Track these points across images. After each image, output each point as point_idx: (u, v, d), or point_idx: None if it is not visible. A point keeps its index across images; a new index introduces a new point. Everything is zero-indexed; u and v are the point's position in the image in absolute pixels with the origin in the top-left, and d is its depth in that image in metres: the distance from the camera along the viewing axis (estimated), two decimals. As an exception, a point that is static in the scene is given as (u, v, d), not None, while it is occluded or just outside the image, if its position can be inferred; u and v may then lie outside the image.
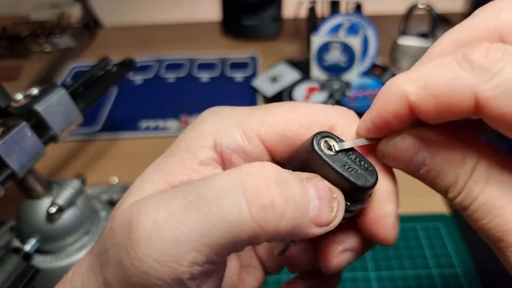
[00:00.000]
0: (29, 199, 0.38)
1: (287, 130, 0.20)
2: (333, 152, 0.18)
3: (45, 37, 0.88)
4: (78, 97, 0.42)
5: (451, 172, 0.16)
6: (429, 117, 0.15)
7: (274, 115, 0.20)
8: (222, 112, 0.21)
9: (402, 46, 0.73)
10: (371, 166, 0.18)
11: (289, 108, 0.20)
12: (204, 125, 0.20)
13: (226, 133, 0.20)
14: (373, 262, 0.44)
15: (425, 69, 0.15)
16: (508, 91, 0.13)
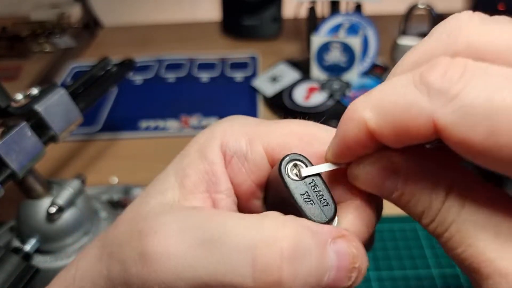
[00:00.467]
0: (29, 199, 0.38)
1: (288, 142, 0.20)
2: (298, 177, 0.18)
3: (45, 37, 0.88)
4: (78, 97, 0.42)
5: (423, 198, 0.15)
6: (390, 143, 0.15)
7: (280, 127, 0.21)
8: (236, 119, 0.22)
9: (402, 46, 0.73)
10: (332, 200, 0.18)
11: (296, 123, 0.21)
12: (216, 127, 0.21)
13: (233, 136, 0.20)
14: (373, 262, 0.44)
15: (383, 92, 0.15)
16: (467, 116, 0.12)
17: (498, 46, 0.14)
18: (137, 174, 0.57)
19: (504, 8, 0.81)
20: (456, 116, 0.12)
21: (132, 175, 0.56)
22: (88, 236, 0.41)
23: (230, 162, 0.20)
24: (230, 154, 0.20)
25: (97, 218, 0.43)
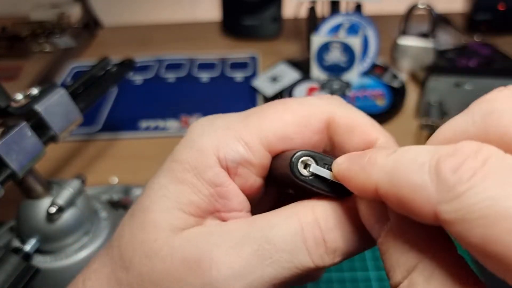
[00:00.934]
0: (29, 199, 0.38)
1: (287, 131, 0.20)
2: (308, 173, 0.18)
3: (45, 37, 0.88)
4: (78, 97, 0.42)
5: (394, 258, 0.15)
6: (394, 209, 0.15)
7: (271, 119, 0.20)
8: (216, 123, 0.20)
9: (402, 46, 0.73)
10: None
11: (282, 109, 0.20)
12: (202, 142, 0.20)
13: (228, 147, 0.19)
14: (373, 262, 0.44)
15: (402, 159, 0.14)
16: (464, 219, 0.12)
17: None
18: (137, 174, 0.56)
19: (504, 8, 0.81)
20: (456, 215, 0.12)
21: (132, 175, 0.56)
22: (88, 236, 0.41)
23: (236, 173, 0.20)
24: (233, 166, 0.19)
25: (97, 218, 0.43)
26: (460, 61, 0.72)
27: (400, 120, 0.64)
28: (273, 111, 0.20)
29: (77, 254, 0.39)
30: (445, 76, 0.60)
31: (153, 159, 0.60)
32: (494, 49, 0.74)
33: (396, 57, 0.74)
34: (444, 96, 0.61)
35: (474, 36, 0.82)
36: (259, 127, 0.20)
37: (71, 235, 0.39)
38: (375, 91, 0.67)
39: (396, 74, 0.71)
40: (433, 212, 0.13)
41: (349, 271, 0.43)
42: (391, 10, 0.87)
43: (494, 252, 0.11)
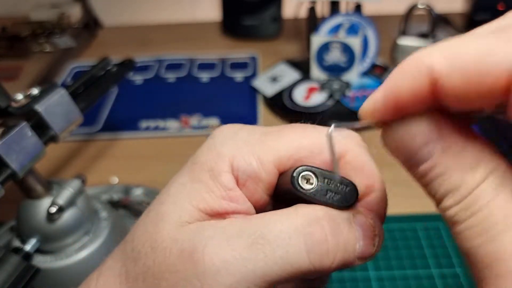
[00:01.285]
0: (29, 199, 0.38)
1: (300, 154, 0.20)
2: (310, 185, 0.19)
3: (45, 37, 0.88)
4: (78, 97, 0.42)
5: (456, 175, 0.14)
6: (452, 98, 0.13)
7: (288, 140, 0.21)
8: (239, 135, 0.21)
9: (402, 46, 0.73)
10: (350, 184, 0.20)
11: (301, 133, 0.21)
12: (222, 148, 0.21)
13: (243, 159, 0.20)
14: (373, 261, 0.44)
15: (457, 41, 0.13)
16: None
17: None
18: (137, 174, 0.57)
19: (504, 8, 0.81)
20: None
21: (132, 175, 0.56)
22: (88, 236, 0.41)
23: (244, 185, 0.20)
24: (243, 178, 0.20)
25: (97, 218, 0.43)
26: (460, 61, 0.72)
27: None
28: (292, 133, 0.21)
29: (77, 254, 0.39)
30: (445, 76, 0.60)
31: (153, 159, 0.60)
32: (494, 49, 0.74)
33: (396, 57, 0.74)
34: (444, 96, 0.61)
35: (474, 36, 0.82)
36: (276, 147, 0.20)
37: (71, 235, 0.39)
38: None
39: (396, 74, 0.71)
40: (506, 75, 0.12)
41: (348, 270, 0.43)
42: (391, 10, 0.87)
43: None
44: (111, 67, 0.49)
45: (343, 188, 0.20)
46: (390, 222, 0.47)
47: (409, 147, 0.15)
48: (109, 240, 0.41)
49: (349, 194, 0.19)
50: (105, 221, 0.43)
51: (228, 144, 0.21)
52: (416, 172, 0.15)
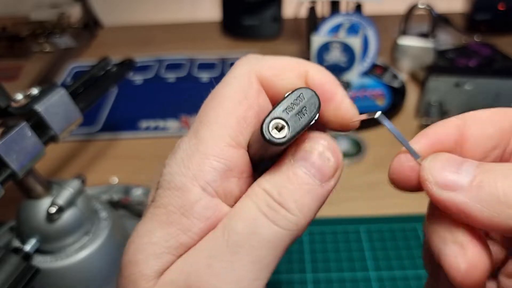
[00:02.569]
0: (29, 199, 0.38)
1: (245, 113, 0.19)
2: (282, 136, 0.17)
3: (45, 37, 0.88)
4: (78, 97, 0.42)
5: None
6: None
7: (224, 116, 0.19)
8: (177, 157, 0.19)
9: (402, 46, 0.73)
10: (312, 95, 0.18)
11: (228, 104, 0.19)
12: (177, 180, 0.18)
13: (203, 171, 0.18)
14: (373, 262, 0.44)
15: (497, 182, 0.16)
16: None
17: None
18: (137, 174, 0.56)
19: (504, 8, 0.81)
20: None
21: (132, 175, 0.56)
22: (88, 236, 0.41)
23: (220, 190, 0.18)
24: (218, 185, 0.18)
25: (97, 218, 0.43)
26: (460, 61, 0.72)
27: (400, 120, 0.64)
28: (210, 113, 0.19)
29: (77, 254, 0.39)
30: (445, 76, 0.60)
31: (153, 159, 0.60)
32: (494, 49, 0.74)
33: (396, 57, 0.74)
34: (444, 96, 0.61)
35: (474, 36, 0.82)
36: (214, 133, 0.19)
37: (71, 235, 0.39)
38: (375, 91, 0.67)
39: (396, 74, 0.71)
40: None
41: (349, 271, 0.43)
42: (391, 10, 0.87)
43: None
44: (111, 67, 0.49)
45: (307, 106, 0.17)
46: (391, 222, 0.47)
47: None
48: (109, 240, 0.41)
49: (312, 106, 0.17)
50: (105, 221, 0.42)
51: (180, 174, 0.18)
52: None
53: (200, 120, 0.19)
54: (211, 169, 0.18)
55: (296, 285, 0.42)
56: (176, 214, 0.18)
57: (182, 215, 0.18)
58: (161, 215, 0.18)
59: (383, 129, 0.66)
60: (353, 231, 0.47)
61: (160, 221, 0.18)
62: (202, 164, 0.18)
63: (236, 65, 0.20)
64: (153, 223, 0.18)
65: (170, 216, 0.18)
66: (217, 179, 0.18)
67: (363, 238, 0.46)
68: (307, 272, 0.43)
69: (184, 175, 0.18)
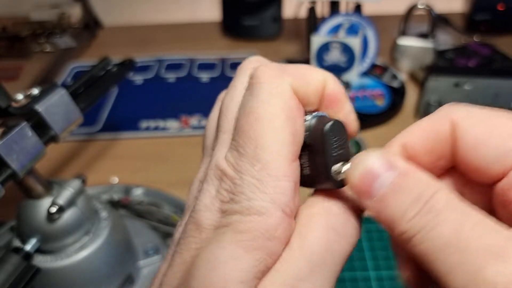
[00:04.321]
0: (29, 199, 0.38)
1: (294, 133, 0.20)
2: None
3: (45, 37, 0.88)
4: (79, 97, 0.42)
5: (414, 192, 0.16)
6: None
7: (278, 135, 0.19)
8: (244, 181, 0.19)
9: (402, 46, 0.73)
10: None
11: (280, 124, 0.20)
12: (255, 204, 0.18)
13: (280, 194, 0.18)
14: (373, 261, 0.44)
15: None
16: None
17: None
18: (137, 174, 0.57)
19: (504, 8, 0.81)
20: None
21: (132, 175, 0.57)
22: (88, 235, 0.41)
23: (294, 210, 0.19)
24: (294, 207, 0.19)
25: (98, 218, 0.43)
26: (459, 61, 0.72)
27: (399, 120, 0.64)
28: (263, 133, 0.19)
29: (78, 254, 0.40)
30: (445, 76, 0.60)
31: (153, 159, 0.60)
32: (493, 49, 0.74)
33: (395, 57, 0.74)
34: (444, 96, 0.61)
35: (473, 36, 0.82)
36: (276, 154, 0.19)
37: (72, 234, 0.39)
38: (375, 91, 0.67)
39: (396, 74, 0.71)
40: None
41: (348, 270, 0.43)
42: (390, 10, 0.87)
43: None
44: (111, 67, 0.49)
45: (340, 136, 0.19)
46: (390, 222, 0.48)
47: (365, 181, 0.17)
48: (109, 240, 0.41)
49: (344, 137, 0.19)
50: (105, 221, 0.43)
51: (256, 199, 0.18)
52: (372, 202, 0.18)
53: (251, 141, 0.19)
54: (286, 190, 0.18)
55: (295, 285, 0.42)
56: (261, 239, 0.18)
57: (267, 240, 0.18)
58: (246, 240, 0.18)
59: (382, 129, 0.66)
60: (353, 231, 0.47)
61: (245, 247, 0.18)
62: (277, 187, 0.18)
63: (266, 76, 0.20)
64: (239, 250, 0.18)
65: (256, 241, 0.18)
66: (291, 199, 0.18)
67: (363, 237, 0.46)
68: (307, 272, 0.43)
69: (263, 200, 0.18)
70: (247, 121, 0.19)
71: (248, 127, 0.19)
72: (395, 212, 0.16)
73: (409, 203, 0.16)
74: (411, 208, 0.16)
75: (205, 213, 0.19)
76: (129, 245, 0.45)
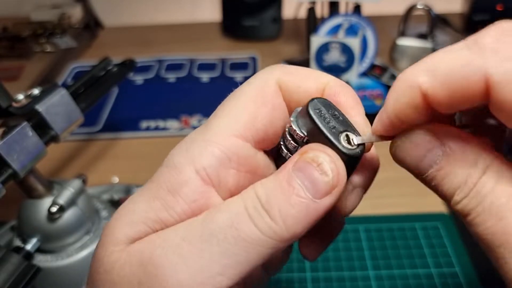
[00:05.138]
0: (30, 198, 0.39)
1: (253, 121, 0.19)
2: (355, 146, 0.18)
3: (46, 38, 0.88)
4: (79, 97, 0.42)
5: (462, 172, 0.16)
6: (443, 106, 0.15)
7: (234, 114, 0.20)
8: (188, 141, 0.20)
9: (401, 46, 0.73)
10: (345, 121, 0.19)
11: (235, 102, 0.20)
12: (176, 159, 0.19)
13: (202, 155, 0.18)
14: (372, 261, 0.44)
15: (435, 57, 0.15)
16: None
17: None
18: (137, 174, 0.57)
19: (503, 9, 0.82)
20: (509, 76, 0.13)
21: (133, 174, 0.57)
22: (88, 235, 0.41)
23: (218, 176, 0.19)
24: (214, 172, 0.19)
25: (98, 218, 0.43)
26: (459, 61, 0.72)
27: (399, 120, 0.64)
28: (224, 107, 0.20)
29: (78, 253, 0.40)
30: (444, 76, 0.60)
31: (154, 159, 0.60)
32: (493, 50, 0.74)
33: (395, 58, 0.74)
34: (443, 96, 0.61)
35: (473, 36, 0.82)
36: (221, 123, 0.19)
37: (72, 234, 0.40)
38: (374, 91, 0.68)
39: (395, 74, 0.71)
40: (484, 81, 0.14)
41: (348, 270, 0.43)
42: (390, 10, 0.87)
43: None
44: (111, 67, 0.49)
45: (335, 110, 0.19)
46: (390, 222, 0.48)
47: (415, 155, 0.17)
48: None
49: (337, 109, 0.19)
50: (105, 220, 0.43)
51: (181, 153, 0.19)
52: (425, 177, 0.17)
53: (215, 113, 0.20)
54: (210, 154, 0.18)
55: (295, 284, 0.42)
56: (164, 190, 0.18)
57: (169, 192, 0.18)
58: (151, 189, 0.19)
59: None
60: (352, 230, 0.47)
61: (147, 195, 0.19)
62: (203, 149, 0.19)
63: (260, 71, 0.21)
64: (140, 195, 0.19)
65: (158, 191, 0.18)
66: (213, 165, 0.18)
67: (362, 237, 0.46)
68: (307, 271, 0.43)
69: (182, 157, 0.19)
70: (225, 99, 0.20)
71: (221, 103, 0.20)
72: (446, 191, 0.17)
73: (457, 186, 0.16)
74: (459, 191, 0.16)
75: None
76: (129, 244, 0.45)
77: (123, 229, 0.18)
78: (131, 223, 0.18)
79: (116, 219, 0.19)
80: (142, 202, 0.19)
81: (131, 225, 0.18)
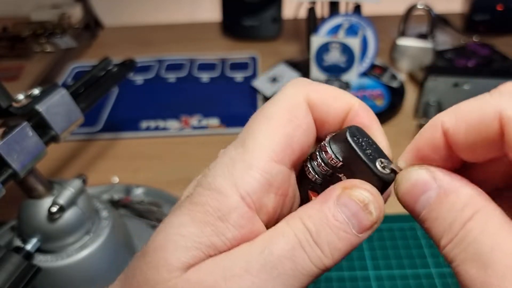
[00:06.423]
0: (30, 198, 0.39)
1: (287, 140, 0.19)
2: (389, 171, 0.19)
3: (46, 38, 0.88)
4: (79, 97, 0.42)
5: (449, 216, 0.16)
6: (461, 146, 0.16)
7: (268, 135, 0.19)
8: (224, 161, 0.19)
9: (401, 46, 0.73)
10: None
11: (267, 122, 0.20)
12: (218, 182, 0.19)
13: (244, 180, 0.18)
14: (372, 261, 0.44)
15: (462, 103, 0.17)
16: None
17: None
18: (137, 174, 0.57)
19: (503, 9, 0.82)
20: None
21: (133, 174, 0.57)
22: (89, 235, 0.41)
23: (260, 203, 0.19)
24: (257, 197, 0.19)
25: (98, 218, 0.43)
26: (458, 61, 0.72)
27: (399, 120, 0.64)
28: (259, 127, 0.20)
29: (78, 253, 0.40)
30: (444, 76, 0.60)
31: (154, 159, 0.60)
32: (492, 50, 0.74)
33: (395, 58, 0.74)
34: (443, 96, 0.61)
35: (472, 36, 0.82)
36: (260, 146, 0.19)
37: (72, 234, 0.40)
38: (374, 91, 0.68)
39: (395, 74, 0.71)
40: (498, 118, 0.15)
41: (348, 270, 0.43)
42: (390, 10, 0.87)
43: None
44: (111, 67, 0.49)
45: (367, 138, 0.20)
46: (390, 222, 0.48)
47: (411, 196, 0.18)
48: (110, 240, 0.41)
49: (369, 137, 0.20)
50: (105, 220, 0.43)
51: (223, 176, 0.19)
52: (419, 219, 0.18)
53: (248, 131, 0.20)
54: (253, 180, 0.18)
55: (295, 284, 0.42)
56: (213, 216, 0.18)
57: (218, 218, 0.18)
58: (197, 212, 0.18)
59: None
60: (352, 230, 0.47)
61: (195, 218, 0.18)
62: (245, 173, 0.18)
63: (286, 86, 0.21)
64: (187, 218, 0.18)
65: (206, 216, 0.18)
66: (257, 192, 0.18)
67: (362, 237, 0.46)
68: (306, 271, 0.43)
69: (226, 180, 0.19)
70: (255, 115, 0.20)
71: (252, 120, 0.20)
72: (435, 235, 0.17)
73: (443, 230, 0.17)
74: (445, 235, 0.16)
75: (190, 184, 0.21)
76: (129, 244, 0.45)
77: (176, 254, 0.18)
78: (184, 248, 0.18)
79: (166, 241, 0.18)
80: (192, 227, 0.18)
81: (185, 251, 0.18)
